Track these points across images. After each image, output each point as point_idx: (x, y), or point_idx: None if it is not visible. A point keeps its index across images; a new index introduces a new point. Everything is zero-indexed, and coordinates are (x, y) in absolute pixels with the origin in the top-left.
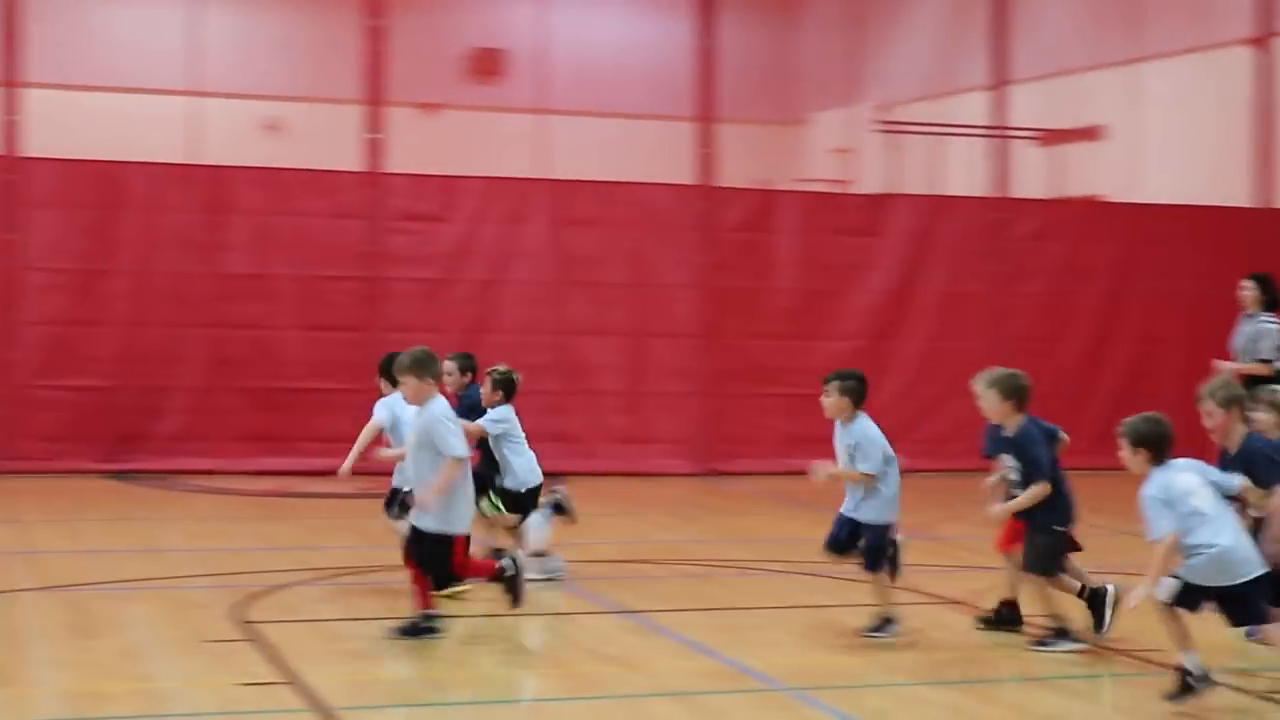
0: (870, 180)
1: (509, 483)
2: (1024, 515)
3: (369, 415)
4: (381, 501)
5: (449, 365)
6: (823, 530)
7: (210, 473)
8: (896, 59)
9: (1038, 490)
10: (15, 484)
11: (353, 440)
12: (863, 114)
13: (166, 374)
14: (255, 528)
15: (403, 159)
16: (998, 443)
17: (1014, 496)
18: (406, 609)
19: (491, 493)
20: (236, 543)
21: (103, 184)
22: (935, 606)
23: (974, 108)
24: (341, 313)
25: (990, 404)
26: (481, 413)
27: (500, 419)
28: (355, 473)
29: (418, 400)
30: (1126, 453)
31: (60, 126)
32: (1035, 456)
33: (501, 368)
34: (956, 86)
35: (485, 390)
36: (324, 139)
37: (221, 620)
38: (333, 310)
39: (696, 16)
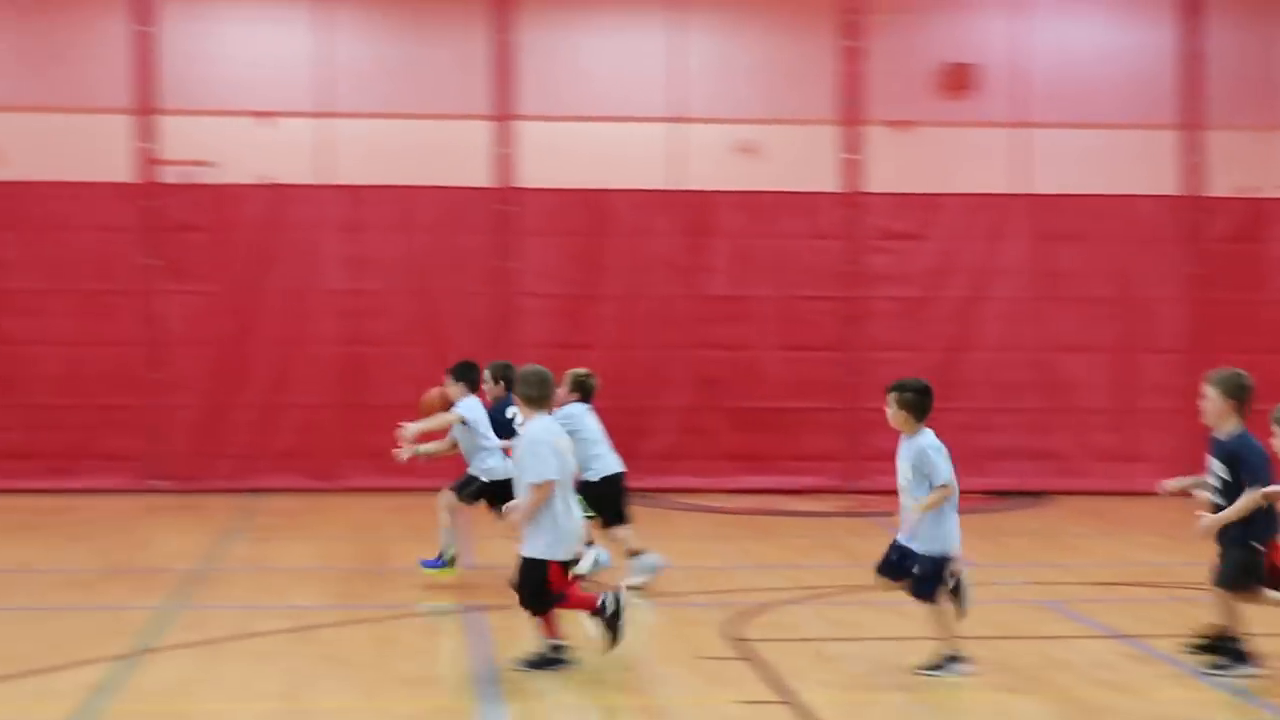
0: None
1: (587, 476)
2: (1221, 528)
3: (850, 434)
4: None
5: (484, 373)
6: None
7: (695, 491)
8: None
9: (1249, 500)
10: None
11: (834, 457)
12: None
13: (653, 394)
14: (743, 546)
15: (876, 177)
16: (1210, 446)
17: (1216, 505)
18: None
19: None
20: (726, 560)
21: (591, 211)
22: None
23: None
24: (821, 333)
25: (1212, 404)
26: (505, 424)
27: (567, 415)
28: None
29: (526, 415)
30: None
31: (550, 157)
32: (1252, 463)
33: (582, 371)
34: None
35: (563, 391)
36: (798, 160)
37: (716, 638)
38: (812, 330)
39: (1181, 20)
